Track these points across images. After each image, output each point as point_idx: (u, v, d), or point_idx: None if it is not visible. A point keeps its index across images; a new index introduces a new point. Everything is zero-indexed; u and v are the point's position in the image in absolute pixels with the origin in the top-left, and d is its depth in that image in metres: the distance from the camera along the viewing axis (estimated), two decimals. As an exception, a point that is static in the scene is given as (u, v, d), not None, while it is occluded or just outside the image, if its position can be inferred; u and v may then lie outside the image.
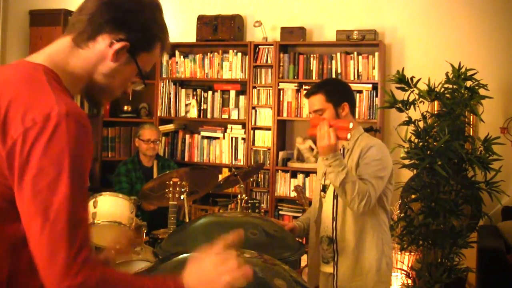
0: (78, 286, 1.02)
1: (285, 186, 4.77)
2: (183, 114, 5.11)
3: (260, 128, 4.85)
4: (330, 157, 2.27)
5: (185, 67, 5.08)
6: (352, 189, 2.28)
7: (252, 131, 4.85)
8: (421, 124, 3.45)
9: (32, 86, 1.11)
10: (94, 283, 1.03)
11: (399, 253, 3.85)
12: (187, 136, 5.12)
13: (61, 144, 1.04)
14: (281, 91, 4.79)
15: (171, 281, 1.14)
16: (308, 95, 2.56)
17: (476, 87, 3.39)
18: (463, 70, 3.39)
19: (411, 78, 3.43)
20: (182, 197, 3.20)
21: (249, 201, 3.25)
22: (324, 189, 2.58)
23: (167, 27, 1.29)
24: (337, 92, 2.53)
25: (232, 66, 4.94)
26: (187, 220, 3.30)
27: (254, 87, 4.85)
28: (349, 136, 2.28)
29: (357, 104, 4.47)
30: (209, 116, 5.03)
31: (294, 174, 4.76)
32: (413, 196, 3.57)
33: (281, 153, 4.83)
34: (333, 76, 4.61)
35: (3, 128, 1.06)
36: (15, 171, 1.05)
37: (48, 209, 1.03)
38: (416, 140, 3.45)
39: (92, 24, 1.19)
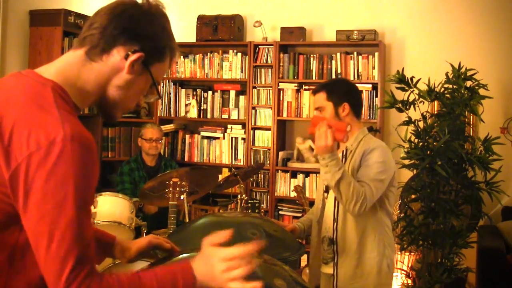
0: None
1: (285, 186, 4.77)
2: (183, 114, 5.11)
3: (260, 128, 4.85)
4: (327, 157, 2.28)
5: (185, 67, 5.08)
6: (347, 190, 2.27)
7: (252, 131, 4.85)
8: (421, 124, 3.45)
9: (38, 106, 1.10)
10: None
11: (399, 253, 3.85)
12: (187, 136, 5.12)
13: (66, 168, 1.05)
14: (281, 91, 4.79)
15: (179, 273, 1.18)
16: (313, 92, 2.63)
17: (476, 87, 3.39)
18: (463, 70, 3.39)
19: (411, 78, 3.43)
20: (182, 197, 3.20)
21: (249, 201, 3.25)
22: (327, 189, 2.57)
23: (173, 35, 1.29)
24: (338, 92, 2.54)
25: (232, 66, 4.93)
26: (187, 220, 3.30)
27: (254, 87, 4.85)
28: (345, 138, 2.30)
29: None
30: (209, 116, 5.03)
31: (294, 174, 4.76)
32: (413, 196, 3.56)
33: (281, 153, 4.83)
34: (333, 76, 4.61)
35: (7, 150, 1.07)
36: (19, 194, 1.07)
37: (55, 230, 1.06)
38: (416, 140, 3.45)
39: (105, 36, 1.18)
